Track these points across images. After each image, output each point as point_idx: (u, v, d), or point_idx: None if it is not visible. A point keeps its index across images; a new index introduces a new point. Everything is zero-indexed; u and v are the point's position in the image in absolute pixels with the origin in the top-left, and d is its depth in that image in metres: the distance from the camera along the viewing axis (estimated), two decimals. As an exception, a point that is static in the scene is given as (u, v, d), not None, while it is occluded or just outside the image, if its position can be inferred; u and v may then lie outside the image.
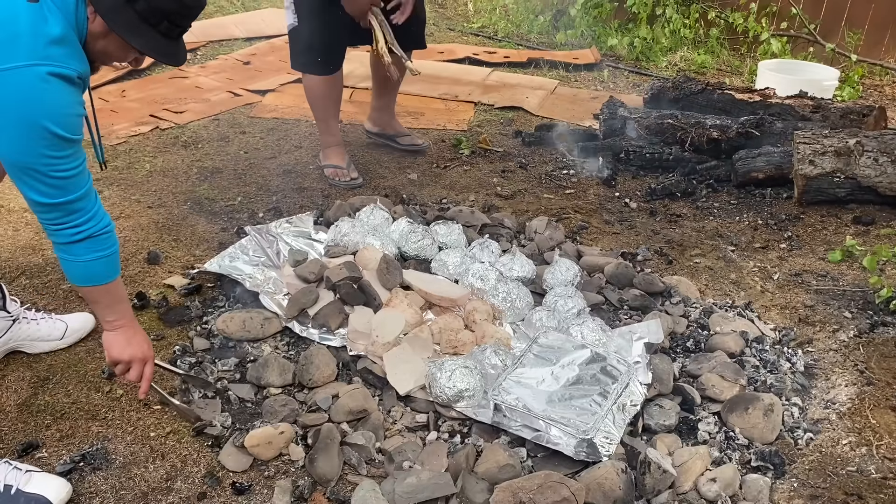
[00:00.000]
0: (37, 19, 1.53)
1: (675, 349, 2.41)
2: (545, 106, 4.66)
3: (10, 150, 1.58)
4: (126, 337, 1.87)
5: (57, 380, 2.16)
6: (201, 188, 3.34)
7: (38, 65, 1.53)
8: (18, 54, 1.51)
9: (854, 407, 2.16)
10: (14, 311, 2.19)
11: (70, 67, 1.58)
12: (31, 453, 1.91)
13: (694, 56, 5.68)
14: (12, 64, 1.51)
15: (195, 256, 2.79)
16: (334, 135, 3.53)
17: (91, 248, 1.73)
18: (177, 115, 4.15)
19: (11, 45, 1.51)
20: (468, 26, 6.49)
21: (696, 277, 2.84)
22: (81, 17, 1.62)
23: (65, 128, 1.59)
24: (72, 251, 1.72)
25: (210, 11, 6.26)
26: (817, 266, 2.92)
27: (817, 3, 5.68)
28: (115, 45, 1.71)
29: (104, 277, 1.79)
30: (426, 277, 2.62)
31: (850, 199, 3.32)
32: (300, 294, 2.43)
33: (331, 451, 1.89)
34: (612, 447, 1.92)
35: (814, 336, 2.51)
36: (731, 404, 2.12)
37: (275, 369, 2.17)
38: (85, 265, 1.74)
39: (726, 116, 3.90)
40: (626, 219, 3.29)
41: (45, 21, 1.54)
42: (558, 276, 2.64)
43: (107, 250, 1.76)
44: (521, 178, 3.66)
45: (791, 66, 5.04)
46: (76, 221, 1.69)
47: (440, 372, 2.07)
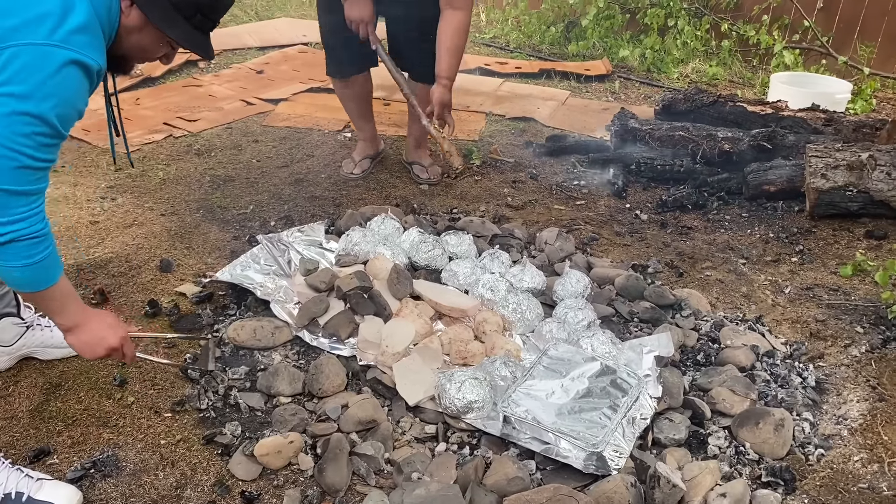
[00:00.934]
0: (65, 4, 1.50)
1: (685, 362, 2.40)
2: (556, 117, 4.67)
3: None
4: (87, 338, 1.78)
5: (69, 386, 2.17)
6: (214, 196, 3.36)
7: (60, 47, 1.48)
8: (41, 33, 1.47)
9: (866, 423, 2.15)
10: (28, 318, 2.21)
11: (91, 57, 1.53)
12: (42, 459, 1.92)
13: (706, 68, 5.68)
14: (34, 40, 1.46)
15: (207, 264, 2.81)
16: (362, 131, 3.74)
17: (16, 255, 1.57)
18: (190, 124, 4.18)
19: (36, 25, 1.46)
20: (480, 37, 6.51)
21: (706, 290, 2.83)
22: (115, 11, 1.61)
23: (61, 120, 1.53)
24: (10, 252, 1.56)
25: (224, 21, 6.27)
26: (829, 280, 2.90)
27: (830, 16, 5.66)
28: (150, 39, 1.70)
29: (38, 284, 1.65)
30: (436, 288, 2.63)
31: (863, 213, 3.31)
32: (311, 303, 2.44)
33: (340, 461, 1.89)
34: (622, 461, 1.91)
35: (825, 351, 2.49)
36: (741, 419, 2.11)
37: (285, 378, 2.17)
38: (12, 270, 1.60)
39: (738, 129, 3.90)
40: (637, 230, 3.28)
41: (72, 7, 1.51)
42: (568, 288, 2.63)
43: (35, 257, 1.60)
44: (532, 188, 3.67)
45: (803, 79, 5.02)
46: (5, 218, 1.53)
47: (450, 383, 2.07)
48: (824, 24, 5.67)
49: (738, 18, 5.89)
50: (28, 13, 1.47)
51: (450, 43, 3.13)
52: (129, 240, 2.95)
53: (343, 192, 3.48)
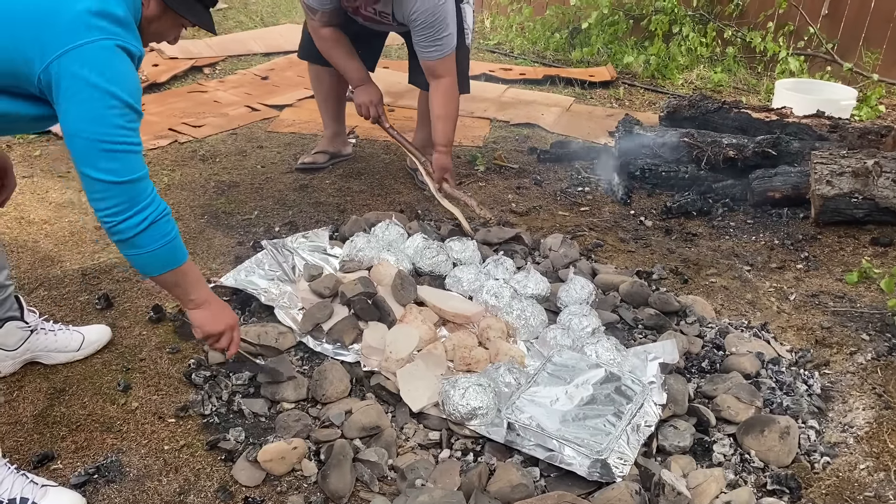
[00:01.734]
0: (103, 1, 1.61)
1: (690, 369, 2.39)
2: (560, 123, 4.67)
3: (85, 123, 1.60)
4: (212, 312, 1.94)
5: (73, 391, 2.17)
6: (218, 202, 3.37)
7: (108, 38, 1.59)
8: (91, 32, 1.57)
9: (872, 431, 2.14)
10: (32, 322, 2.22)
11: (133, 45, 1.66)
12: (46, 464, 1.92)
13: (710, 74, 5.68)
14: (86, 39, 1.56)
15: (211, 270, 2.81)
16: (326, 127, 3.77)
17: (156, 236, 1.72)
18: (195, 129, 4.19)
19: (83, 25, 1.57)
20: (484, 43, 6.52)
21: (711, 297, 2.82)
22: (138, 4, 1.73)
23: (134, 97, 1.65)
24: (139, 243, 1.71)
25: (229, 27, 6.34)
26: (834, 287, 2.89)
27: (835, 22, 5.66)
28: (168, 25, 1.83)
29: (176, 261, 1.80)
30: (440, 294, 2.62)
31: (868, 220, 3.30)
32: (315, 309, 2.44)
33: (343, 467, 1.88)
34: (626, 468, 1.91)
35: (831, 358, 2.48)
36: (746, 426, 2.10)
37: (289, 384, 2.17)
38: (154, 254, 1.74)
39: (743, 135, 3.89)
40: (642, 237, 3.28)
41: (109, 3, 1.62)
42: (573, 294, 2.63)
43: (171, 234, 1.75)
44: (536, 194, 3.67)
45: (808, 86, 5.02)
46: (140, 205, 1.68)
47: (453, 389, 2.06)
48: (829, 30, 5.67)
49: (743, 25, 5.89)
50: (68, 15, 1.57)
51: (440, 111, 3.19)
52: (133, 245, 2.95)
53: (347, 197, 3.49)
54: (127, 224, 1.67)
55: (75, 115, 1.59)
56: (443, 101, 3.17)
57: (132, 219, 1.67)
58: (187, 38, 5.93)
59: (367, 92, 3.30)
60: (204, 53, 5.51)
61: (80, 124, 1.59)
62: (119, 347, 2.37)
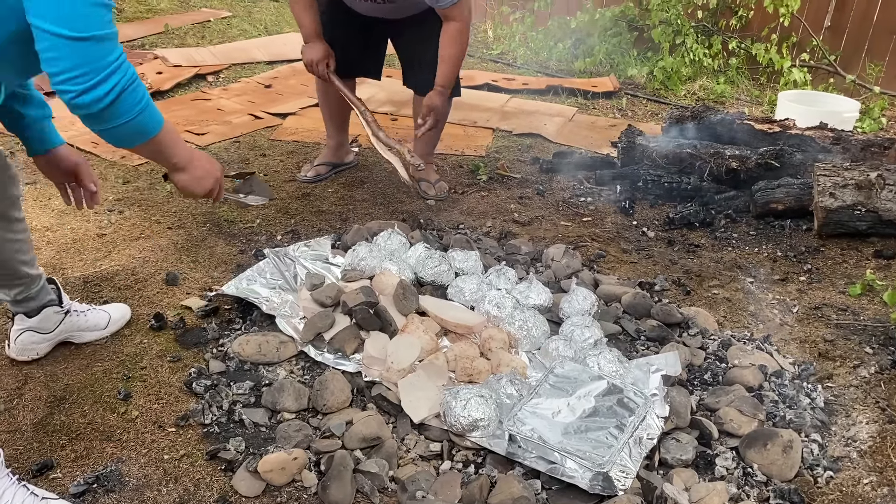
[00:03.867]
0: None
1: (692, 382, 2.38)
2: (563, 133, 4.67)
3: None
4: (196, 174, 1.89)
5: (73, 400, 2.17)
6: (221, 210, 3.37)
7: None
8: None
9: (875, 445, 2.13)
10: (66, 305, 2.31)
11: None
12: (45, 473, 1.91)
13: (713, 85, 5.69)
14: None
15: (213, 278, 2.81)
16: (330, 137, 3.81)
17: (129, 104, 1.56)
18: (198, 137, 4.20)
19: None
20: (487, 53, 6.54)
21: (714, 309, 2.81)
22: None
23: None
24: (114, 115, 1.54)
25: (233, 35, 6.36)
26: (837, 300, 2.89)
27: (838, 35, 5.67)
28: None
29: (154, 127, 1.68)
30: (442, 304, 2.62)
31: (871, 233, 3.29)
32: (316, 318, 2.43)
33: (344, 478, 1.88)
34: (629, 481, 1.89)
35: (834, 371, 2.47)
36: (749, 439, 2.09)
37: (290, 394, 2.16)
38: (126, 126, 1.59)
39: (745, 147, 3.89)
40: (644, 248, 3.27)
41: None
42: (575, 305, 2.62)
43: (142, 101, 1.59)
44: (539, 204, 3.66)
45: (811, 98, 5.03)
46: (106, 71, 1.48)
47: (455, 400, 2.05)
48: (832, 42, 5.68)
49: (747, 37, 5.90)
50: None
51: (444, 52, 3.23)
52: (135, 252, 2.95)
53: (349, 206, 3.48)
54: (92, 95, 1.48)
55: None
56: (448, 42, 3.21)
57: (96, 89, 1.48)
58: (191, 45, 5.95)
59: (313, 49, 3.30)
60: (207, 61, 5.52)
61: None
62: (120, 356, 2.36)
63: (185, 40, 6.14)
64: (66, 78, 1.45)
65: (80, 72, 1.45)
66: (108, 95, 1.49)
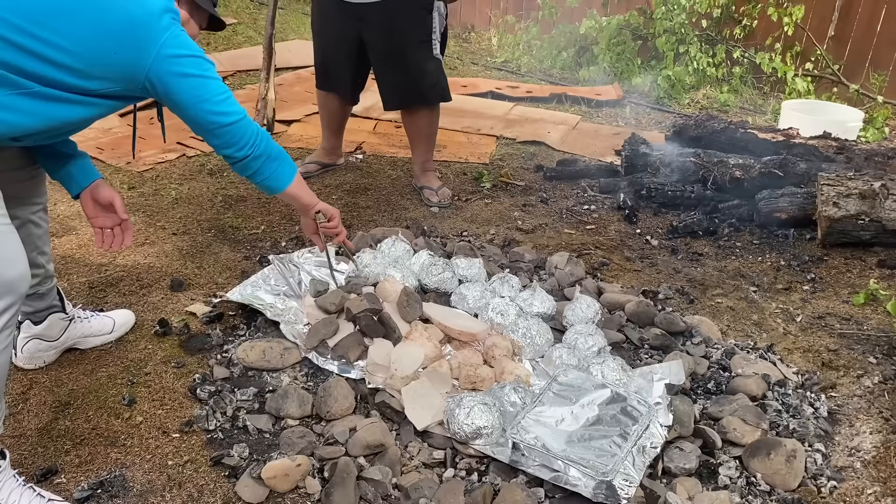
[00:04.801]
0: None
1: (695, 391, 2.38)
2: (567, 141, 4.68)
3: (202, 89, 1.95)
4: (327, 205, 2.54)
5: (78, 405, 2.17)
6: (225, 216, 3.38)
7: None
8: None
9: (879, 455, 2.12)
10: (70, 312, 2.33)
11: None
12: (49, 479, 1.91)
13: (717, 94, 5.70)
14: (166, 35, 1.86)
15: (218, 284, 2.82)
16: (325, 140, 3.94)
17: (273, 152, 2.19)
18: (204, 144, 4.19)
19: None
20: (492, 61, 6.55)
21: (717, 318, 2.81)
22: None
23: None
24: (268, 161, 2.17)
25: (238, 42, 6.38)
26: (841, 309, 2.89)
27: (841, 44, 5.68)
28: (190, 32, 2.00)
29: (291, 173, 2.30)
30: (446, 311, 2.62)
31: (875, 243, 3.29)
32: (320, 325, 2.44)
33: (347, 485, 1.88)
34: (632, 490, 1.89)
35: (837, 381, 2.47)
36: (752, 449, 2.08)
37: (294, 400, 2.17)
38: (281, 167, 2.22)
39: (749, 156, 3.90)
40: (648, 256, 3.28)
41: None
42: (579, 313, 2.63)
43: (277, 148, 2.22)
44: (542, 212, 3.67)
45: (815, 107, 5.03)
46: (254, 131, 2.10)
47: (458, 408, 2.06)
48: (836, 52, 5.69)
49: (751, 46, 5.91)
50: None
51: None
52: (140, 258, 2.97)
53: (353, 213, 3.49)
54: (261, 146, 2.12)
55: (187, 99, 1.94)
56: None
57: (261, 143, 2.12)
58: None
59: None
60: (213, 68, 5.54)
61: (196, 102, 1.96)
62: (124, 361, 2.37)
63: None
64: (229, 150, 2.12)
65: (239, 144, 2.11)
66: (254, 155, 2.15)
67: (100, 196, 2.11)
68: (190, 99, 1.92)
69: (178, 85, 1.88)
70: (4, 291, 1.64)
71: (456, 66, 6.34)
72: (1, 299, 1.64)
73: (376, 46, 3.43)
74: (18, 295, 1.68)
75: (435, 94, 3.55)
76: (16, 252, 1.69)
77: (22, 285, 1.68)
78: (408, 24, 3.34)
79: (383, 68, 3.49)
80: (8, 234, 1.70)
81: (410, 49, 3.37)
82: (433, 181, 3.74)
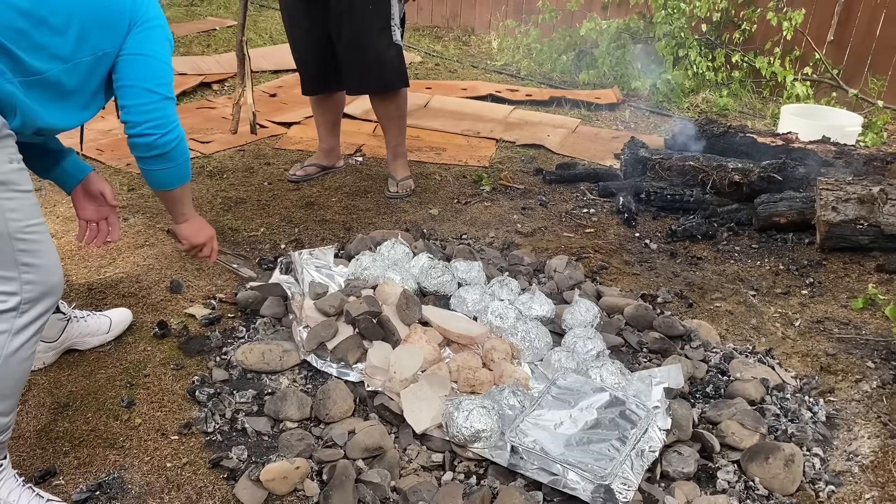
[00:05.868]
0: None
1: (694, 394, 2.38)
2: (566, 144, 4.69)
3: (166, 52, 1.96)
4: (197, 226, 2.31)
5: (76, 407, 2.17)
6: (225, 218, 3.38)
7: None
8: None
9: (877, 460, 2.12)
10: (66, 312, 2.33)
11: None
12: (48, 480, 1.91)
13: (716, 98, 5.70)
14: None
15: (217, 286, 2.82)
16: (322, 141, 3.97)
17: (183, 150, 2.02)
18: (203, 145, 4.22)
19: None
20: (491, 64, 6.56)
21: (716, 321, 2.82)
22: None
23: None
24: (173, 156, 1.99)
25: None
26: (840, 314, 2.89)
27: (840, 49, 5.69)
28: None
29: (187, 176, 2.13)
30: (445, 314, 2.62)
31: (874, 247, 3.30)
32: (319, 327, 2.44)
33: (345, 488, 1.88)
34: (630, 493, 1.90)
35: (836, 385, 2.47)
36: (751, 453, 2.09)
37: (293, 403, 2.17)
38: (186, 163, 2.06)
39: (748, 160, 3.91)
40: (647, 260, 3.28)
41: None
42: (578, 317, 2.63)
43: (187, 152, 2.07)
44: (542, 215, 3.67)
45: (814, 111, 5.04)
46: (176, 121, 1.97)
47: (457, 411, 2.06)
48: (835, 56, 5.70)
49: (750, 50, 5.92)
50: None
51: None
52: (139, 260, 2.97)
53: (353, 215, 3.50)
54: (172, 135, 1.95)
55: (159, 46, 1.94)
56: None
57: (170, 133, 1.95)
58: (197, 54, 5.98)
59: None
60: (213, 70, 5.55)
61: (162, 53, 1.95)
62: (123, 363, 2.37)
63: (190, 49, 6.17)
64: (155, 125, 1.92)
65: (164, 121, 1.93)
66: (174, 140, 1.96)
67: (90, 187, 2.14)
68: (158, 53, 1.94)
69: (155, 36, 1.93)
70: (46, 296, 1.70)
71: (456, 70, 6.35)
72: (41, 304, 1.69)
73: (338, 33, 3.46)
74: (56, 299, 1.74)
75: (394, 81, 3.60)
76: (56, 259, 1.75)
77: (60, 290, 1.75)
78: (367, 12, 3.39)
79: (344, 54, 3.51)
80: (49, 241, 1.73)
81: (370, 36, 3.43)
82: (399, 170, 3.81)
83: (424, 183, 3.94)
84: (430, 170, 4.14)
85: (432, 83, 5.80)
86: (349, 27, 3.41)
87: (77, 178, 2.13)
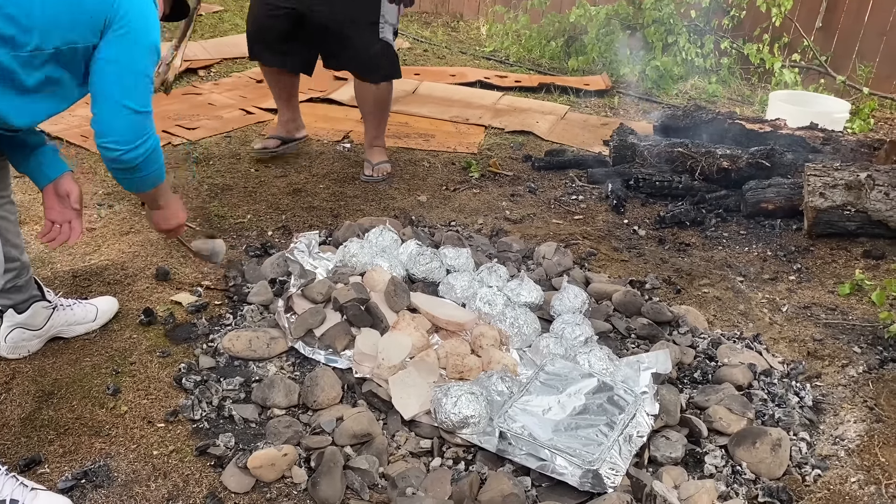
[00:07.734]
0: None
1: (682, 380, 2.39)
2: (555, 131, 4.67)
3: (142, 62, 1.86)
4: (169, 212, 2.27)
5: (61, 395, 2.15)
6: (211, 205, 3.36)
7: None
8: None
9: (863, 444, 2.14)
10: (52, 300, 2.31)
11: None
12: (33, 468, 1.90)
13: (705, 85, 5.70)
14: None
15: (203, 274, 2.79)
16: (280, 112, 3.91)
17: (158, 157, 1.99)
18: (189, 132, 4.17)
19: None
20: (480, 50, 6.53)
21: (704, 307, 2.82)
22: None
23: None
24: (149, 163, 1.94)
25: (225, 29, 6.33)
26: (827, 299, 2.90)
27: (829, 35, 5.70)
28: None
29: (161, 179, 2.09)
30: (433, 301, 2.62)
31: (861, 233, 3.31)
32: (307, 314, 2.42)
33: (334, 474, 1.87)
34: (618, 478, 1.90)
35: (822, 370, 2.49)
36: (738, 438, 2.10)
37: (281, 390, 2.16)
38: (157, 171, 2.02)
39: (736, 146, 3.91)
40: (635, 246, 3.28)
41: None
42: (566, 303, 2.63)
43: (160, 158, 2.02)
44: (531, 202, 3.67)
45: (802, 98, 5.05)
46: (152, 131, 1.91)
47: (446, 397, 2.05)
48: (823, 43, 5.70)
49: (739, 37, 5.92)
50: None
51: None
52: (125, 247, 2.94)
53: (341, 202, 3.48)
54: (148, 144, 1.90)
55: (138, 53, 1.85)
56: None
57: (150, 140, 1.90)
58: (183, 40, 5.91)
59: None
60: (199, 56, 5.50)
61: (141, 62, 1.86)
62: (109, 351, 2.35)
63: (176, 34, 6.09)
64: (118, 140, 1.85)
65: (130, 137, 1.86)
66: (142, 155, 1.90)
67: (59, 187, 2.06)
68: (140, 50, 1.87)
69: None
70: None
71: (444, 56, 6.32)
72: None
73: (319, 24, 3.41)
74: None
75: (379, 76, 3.57)
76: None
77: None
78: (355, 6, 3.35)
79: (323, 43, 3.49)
80: None
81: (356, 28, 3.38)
82: (374, 156, 3.80)
83: (413, 170, 3.92)
84: (419, 156, 4.12)
85: (421, 69, 5.76)
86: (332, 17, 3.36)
87: (50, 176, 2.05)
